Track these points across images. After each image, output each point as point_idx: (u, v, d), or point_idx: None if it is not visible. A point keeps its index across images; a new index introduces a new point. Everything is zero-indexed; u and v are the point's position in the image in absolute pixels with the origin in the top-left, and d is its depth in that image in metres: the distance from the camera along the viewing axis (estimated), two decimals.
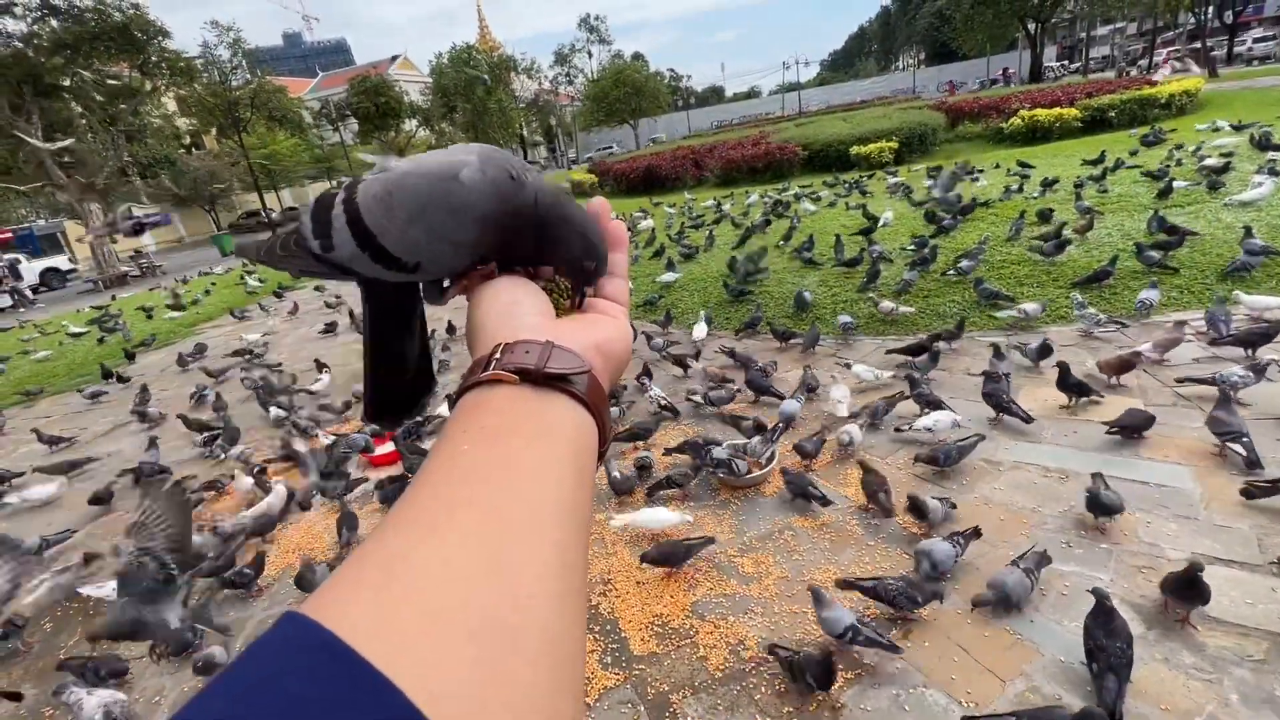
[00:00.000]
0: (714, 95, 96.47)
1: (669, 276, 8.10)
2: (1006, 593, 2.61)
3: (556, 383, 0.41)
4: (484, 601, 0.29)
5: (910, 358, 4.95)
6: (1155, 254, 5.65)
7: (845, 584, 2.81)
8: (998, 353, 4.59)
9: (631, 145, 43.78)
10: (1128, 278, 5.66)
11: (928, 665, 2.51)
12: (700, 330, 6.28)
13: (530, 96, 49.51)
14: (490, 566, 0.31)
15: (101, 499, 4.91)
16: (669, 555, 3.18)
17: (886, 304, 5.99)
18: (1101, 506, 2.97)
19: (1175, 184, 7.69)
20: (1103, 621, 2.26)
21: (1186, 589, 2.40)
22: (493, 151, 0.50)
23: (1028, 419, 3.95)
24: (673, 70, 68.27)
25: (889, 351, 5.14)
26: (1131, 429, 3.62)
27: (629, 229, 12.58)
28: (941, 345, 5.04)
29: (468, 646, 0.28)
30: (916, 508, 3.20)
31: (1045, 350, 4.59)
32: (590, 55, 50.21)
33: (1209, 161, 8.54)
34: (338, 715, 0.24)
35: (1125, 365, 4.17)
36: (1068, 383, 4.04)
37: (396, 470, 4.79)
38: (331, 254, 0.50)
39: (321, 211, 0.50)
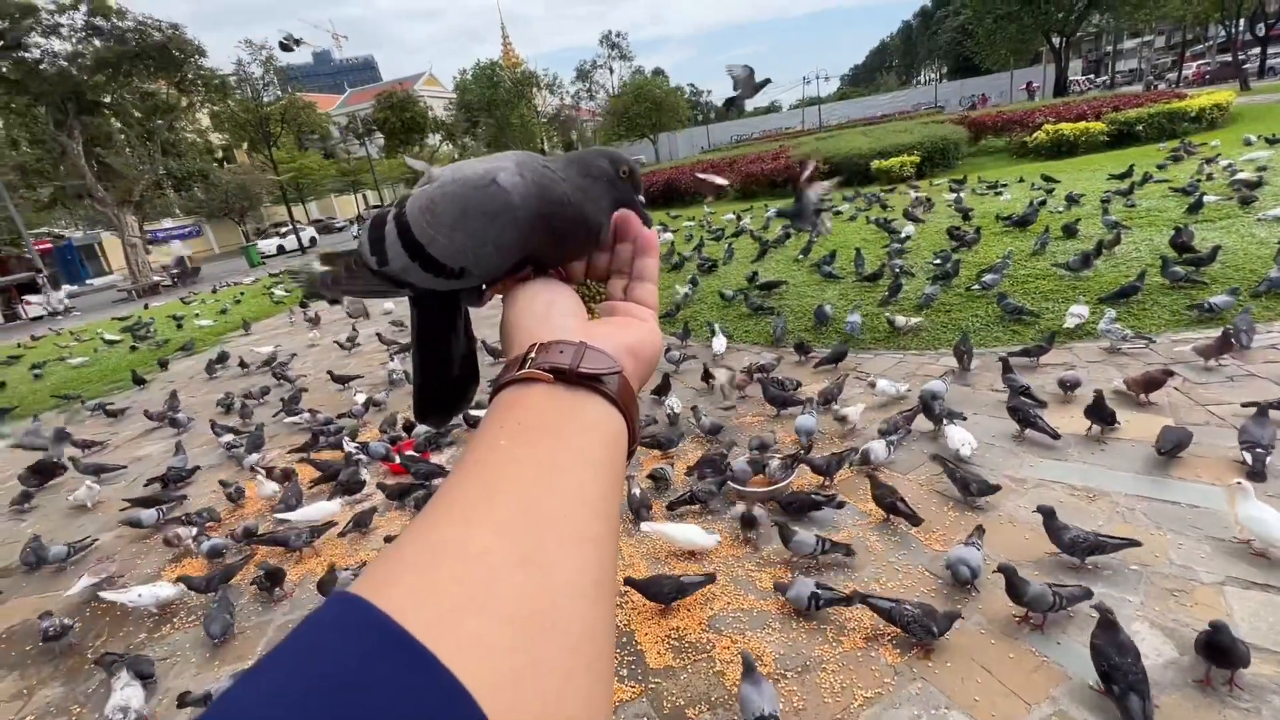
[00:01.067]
0: (734, 110, 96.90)
1: (684, 291, 8.09)
2: (1029, 592, 2.58)
3: (589, 382, 0.42)
4: (523, 590, 0.30)
5: (1035, 358, 4.87)
6: (1181, 270, 5.55)
7: (860, 597, 2.76)
8: (1007, 367, 4.53)
9: (650, 158, 44.16)
10: (1156, 293, 5.55)
11: (950, 687, 2.46)
12: (720, 343, 6.28)
13: (552, 112, 50.21)
14: (529, 557, 0.32)
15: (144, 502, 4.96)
16: (655, 591, 3.04)
17: (899, 319, 5.94)
18: (1065, 545, 2.89)
19: (1206, 198, 7.54)
20: (1110, 639, 2.22)
21: (1217, 653, 2.21)
22: (529, 156, 0.51)
23: (1054, 435, 3.87)
24: (693, 85, 68.84)
25: (1010, 354, 4.97)
26: (1176, 448, 3.52)
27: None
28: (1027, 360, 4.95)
29: (512, 634, 0.29)
30: (784, 536, 3.13)
31: (1072, 383, 4.34)
32: (611, 71, 50.86)
33: (1241, 175, 8.36)
34: (390, 690, 0.24)
35: (1154, 383, 4.07)
36: (1102, 413, 3.81)
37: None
38: (387, 268, 0.51)
39: (375, 229, 0.52)
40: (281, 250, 34.00)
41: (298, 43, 35.30)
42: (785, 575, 3.16)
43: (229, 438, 5.99)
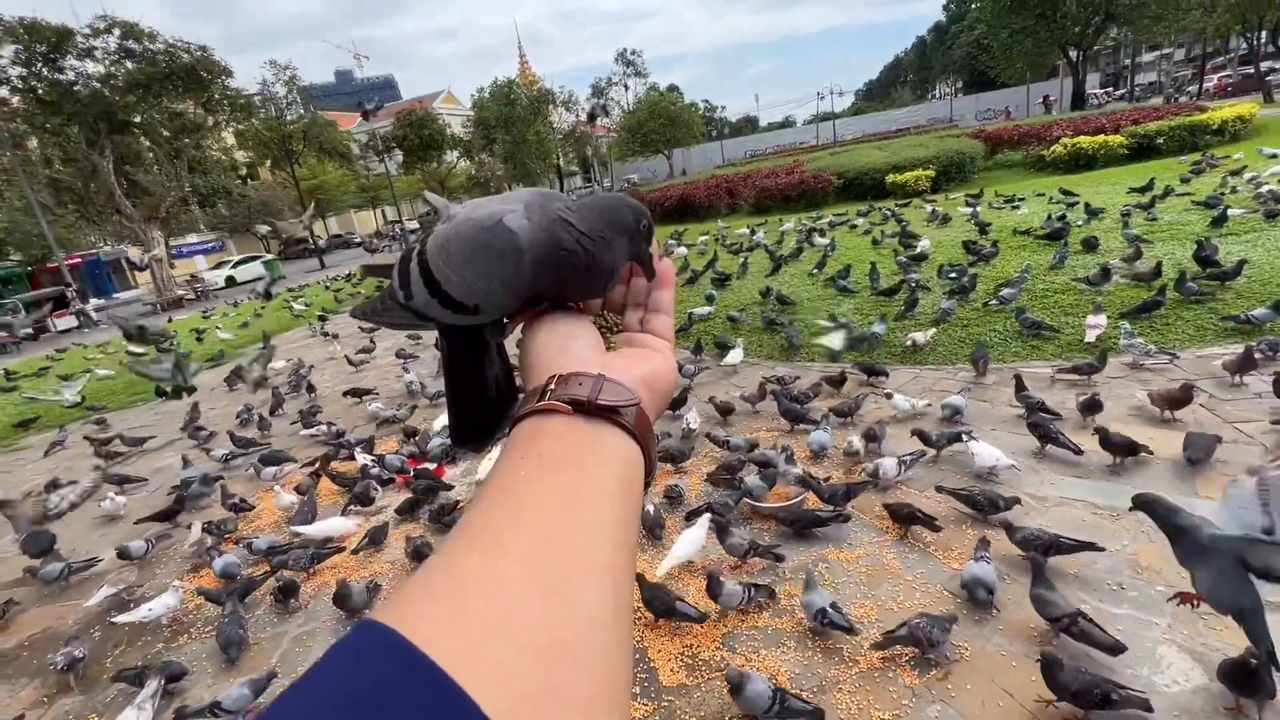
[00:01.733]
0: (748, 125, 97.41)
1: (703, 310, 8.04)
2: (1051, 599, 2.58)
3: (607, 414, 0.44)
4: (545, 621, 0.31)
5: (1086, 375, 4.74)
6: (1195, 286, 5.51)
7: (880, 645, 2.66)
8: (1020, 385, 4.46)
9: (664, 174, 44.49)
10: (1179, 307, 5.46)
11: (970, 709, 2.40)
12: (736, 355, 6.26)
13: (567, 128, 50.76)
14: (551, 588, 0.33)
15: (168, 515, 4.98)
16: (652, 599, 3.02)
17: (917, 336, 5.89)
18: (1017, 542, 2.99)
19: (1230, 211, 7.43)
20: (1070, 670, 2.26)
21: (1245, 680, 2.12)
22: (541, 197, 0.52)
23: (1077, 451, 3.80)
24: (707, 101, 69.47)
25: (1060, 370, 4.89)
26: (1206, 454, 3.50)
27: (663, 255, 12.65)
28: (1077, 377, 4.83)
29: (531, 662, 0.30)
30: (713, 592, 3.02)
31: (1093, 406, 4.15)
32: (626, 88, 51.40)
33: (1268, 188, 8.23)
34: (409, 711, 0.26)
35: (1180, 400, 3.98)
36: (1114, 447, 3.65)
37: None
38: (412, 302, 0.54)
39: (404, 264, 0.54)
40: (232, 282, 30.05)
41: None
42: (800, 592, 3.12)
43: (220, 452, 6.09)
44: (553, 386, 0.45)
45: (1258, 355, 4.29)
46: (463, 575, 0.33)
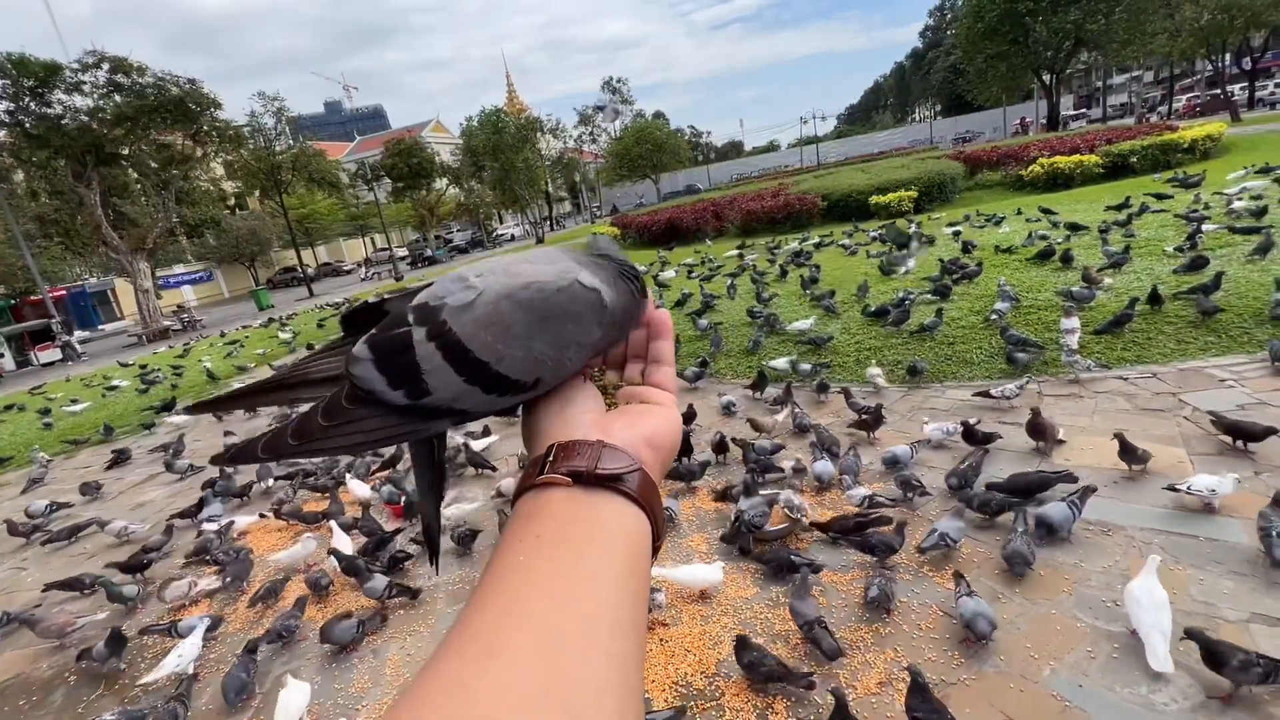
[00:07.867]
0: (733, 150, 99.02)
1: (702, 323, 8.29)
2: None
3: (609, 483, 0.42)
4: None
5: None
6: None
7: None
8: (848, 395, 4.86)
9: (652, 198, 45.07)
10: (1161, 322, 5.54)
11: None
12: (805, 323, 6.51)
13: (555, 155, 51.33)
14: (549, 690, 0.31)
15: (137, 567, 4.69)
16: None
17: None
18: (1019, 559, 3.08)
19: (1205, 227, 7.59)
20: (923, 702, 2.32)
21: None
22: (574, 252, 0.51)
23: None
24: (693, 127, 70.75)
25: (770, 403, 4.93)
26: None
27: (653, 277, 12.82)
28: None
29: None
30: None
31: (1043, 430, 4.15)
32: (617, 114, 52.20)
33: (1237, 205, 8.44)
34: None
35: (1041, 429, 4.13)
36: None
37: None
38: (426, 400, 0.45)
39: (394, 355, 0.45)
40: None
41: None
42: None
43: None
44: (551, 458, 0.43)
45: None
46: (457, 685, 0.31)
